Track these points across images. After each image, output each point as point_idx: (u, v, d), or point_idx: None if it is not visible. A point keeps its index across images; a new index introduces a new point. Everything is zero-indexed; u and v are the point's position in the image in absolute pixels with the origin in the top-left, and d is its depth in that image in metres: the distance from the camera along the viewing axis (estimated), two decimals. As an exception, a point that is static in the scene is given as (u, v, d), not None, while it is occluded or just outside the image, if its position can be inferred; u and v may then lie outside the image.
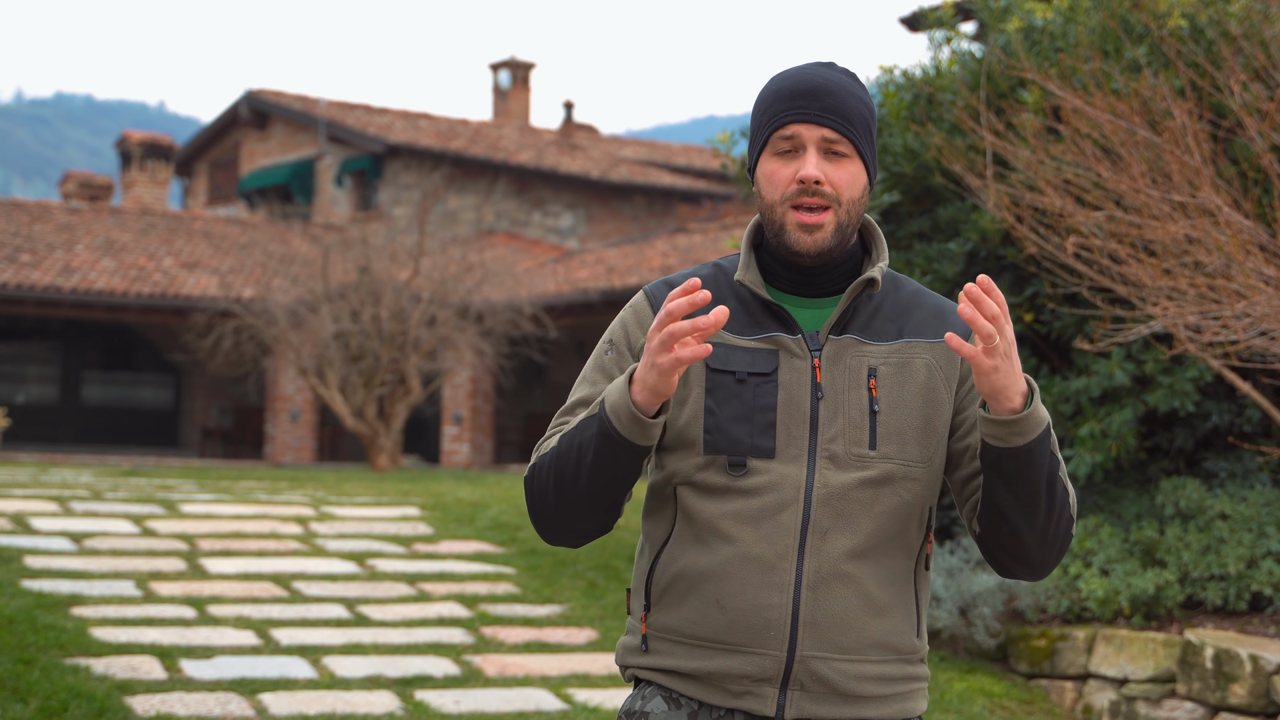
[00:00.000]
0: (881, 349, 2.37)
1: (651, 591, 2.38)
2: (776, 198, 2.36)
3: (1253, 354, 7.28)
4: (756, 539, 2.29)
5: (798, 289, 2.40)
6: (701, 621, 2.32)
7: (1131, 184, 6.76)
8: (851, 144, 2.36)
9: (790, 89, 2.37)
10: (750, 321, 2.38)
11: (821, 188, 2.33)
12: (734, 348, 2.35)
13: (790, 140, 2.35)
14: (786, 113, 2.36)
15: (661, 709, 2.35)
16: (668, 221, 31.14)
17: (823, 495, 2.30)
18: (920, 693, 2.41)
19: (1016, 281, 8.36)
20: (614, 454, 2.26)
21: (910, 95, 8.89)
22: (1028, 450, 2.24)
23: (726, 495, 2.31)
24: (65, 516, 10.51)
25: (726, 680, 2.31)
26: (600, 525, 2.37)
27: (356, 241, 21.92)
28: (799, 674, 2.29)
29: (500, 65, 36.28)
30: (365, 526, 10.88)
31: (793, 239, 2.35)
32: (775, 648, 2.29)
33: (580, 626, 8.24)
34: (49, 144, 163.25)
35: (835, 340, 2.36)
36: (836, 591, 2.30)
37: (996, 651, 7.75)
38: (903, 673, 2.37)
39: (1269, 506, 7.45)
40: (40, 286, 23.25)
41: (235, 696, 6.56)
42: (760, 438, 2.31)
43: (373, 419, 19.96)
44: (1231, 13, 7.63)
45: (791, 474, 2.30)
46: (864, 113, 2.38)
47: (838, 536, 2.30)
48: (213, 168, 34.88)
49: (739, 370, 2.34)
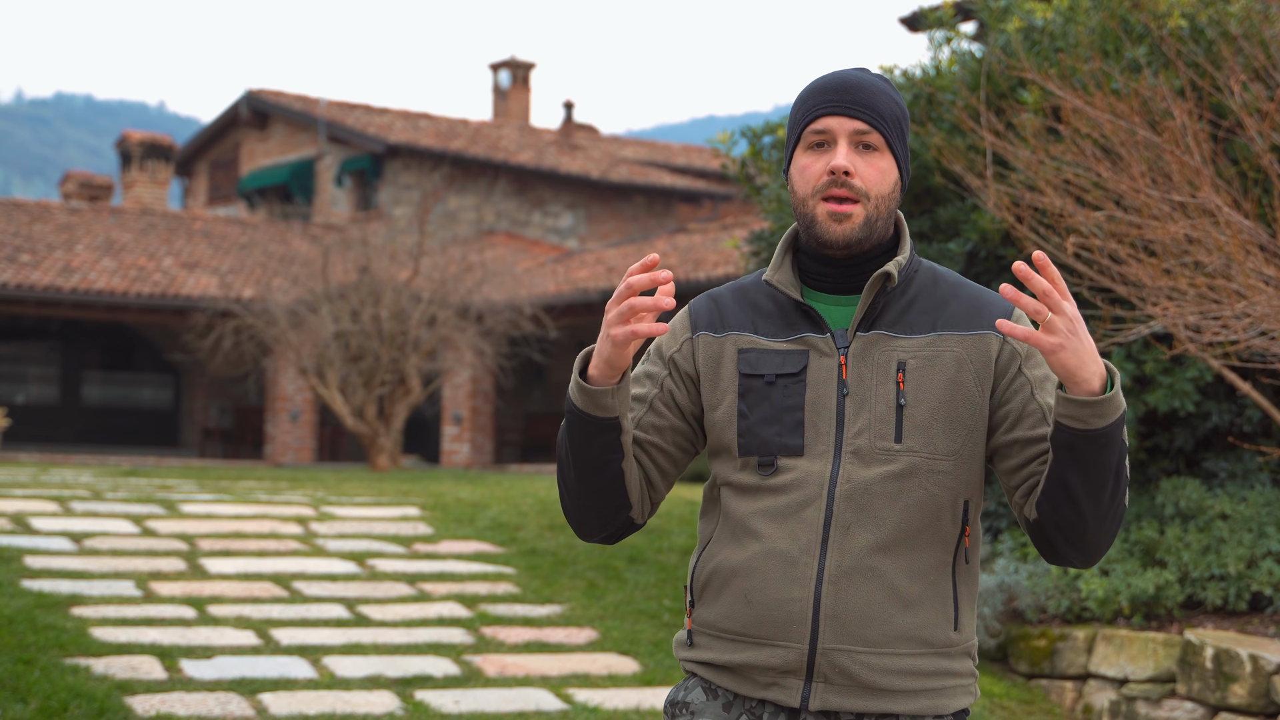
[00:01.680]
0: (913, 343, 2.39)
1: (694, 588, 2.47)
2: (808, 190, 2.40)
3: (1253, 354, 7.28)
4: (782, 535, 2.35)
5: (832, 286, 2.44)
6: (733, 616, 2.40)
7: (1131, 184, 6.76)
8: (882, 137, 2.39)
9: (824, 86, 2.43)
10: (784, 324, 2.43)
11: (851, 179, 2.36)
12: (765, 351, 2.41)
13: (822, 134, 2.40)
14: (819, 107, 2.41)
15: (701, 699, 2.44)
16: (668, 221, 31.15)
17: (845, 490, 2.34)
18: (958, 690, 2.41)
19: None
20: (582, 430, 2.36)
21: (910, 95, 8.89)
22: (1106, 434, 2.23)
23: (758, 494, 2.39)
24: (65, 516, 10.51)
25: (755, 672, 2.39)
26: (612, 516, 2.46)
27: (356, 241, 21.91)
28: (822, 666, 2.34)
29: (500, 65, 36.28)
30: (365, 526, 10.88)
31: (823, 229, 2.38)
32: (798, 640, 2.34)
33: (580, 626, 8.24)
34: (49, 144, 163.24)
35: (862, 336, 2.39)
36: (859, 585, 2.33)
37: (996, 651, 7.75)
38: (936, 667, 2.37)
39: (1269, 506, 7.45)
40: (40, 286, 23.25)
41: (235, 696, 6.56)
42: (789, 437, 2.37)
43: (373, 419, 19.96)
44: (1231, 13, 7.63)
45: (817, 470, 2.36)
46: (896, 111, 2.42)
47: (861, 531, 2.34)
48: (213, 168, 34.88)
49: (768, 373, 2.40)
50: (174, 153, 32.81)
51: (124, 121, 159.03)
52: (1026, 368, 2.40)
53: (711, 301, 2.50)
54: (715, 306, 2.49)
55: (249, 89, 32.95)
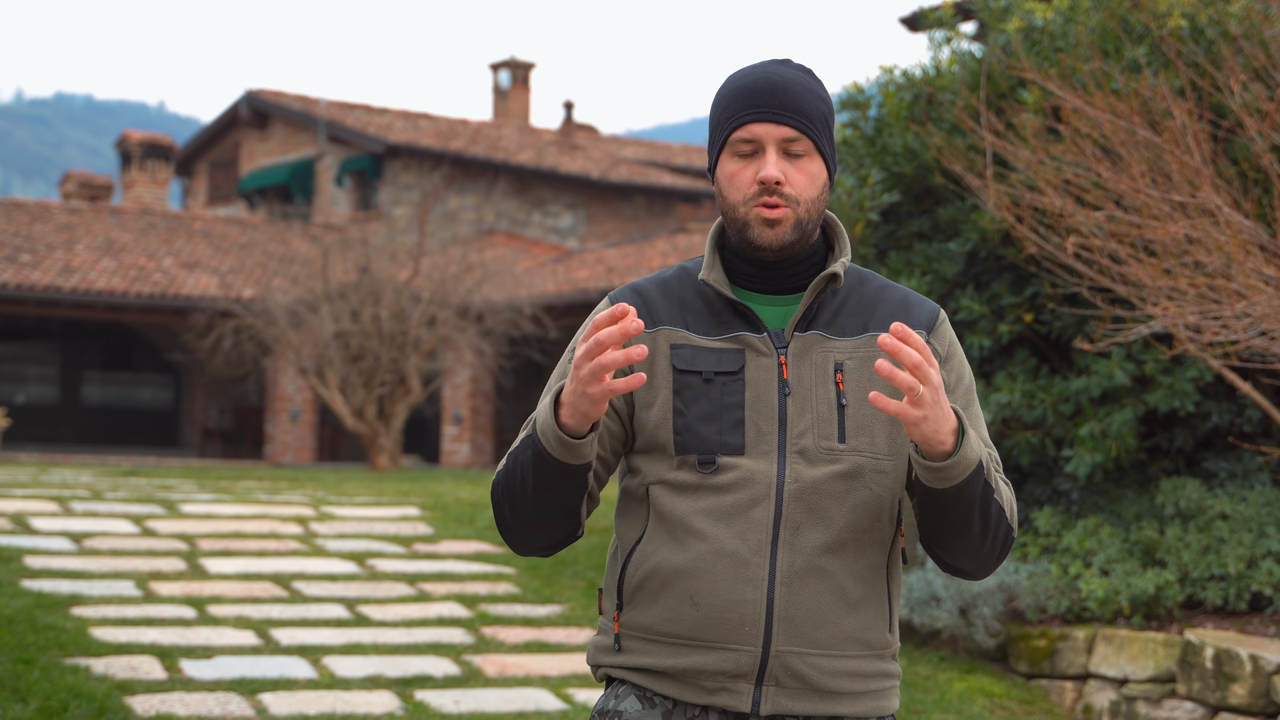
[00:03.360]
0: (847, 344, 2.37)
1: (624, 590, 2.38)
2: (739, 199, 2.37)
3: (1253, 354, 7.28)
4: (729, 535, 2.29)
5: (762, 286, 2.41)
6: (675, 619, 2.32)
7: (1131, 184, 6.76)
8: (811, 141, 2.36)
9: (748, 87, 2.37)
10: (716, 322, 2.38)
11: (782, 188, 2.34)
12: (700, 348, 2.36)
13: (750, 143, 2.36)
14: (745, 112, 2.36)
15: (635, 708, 2.35)
16: (668, 221, 31.15)
17: (794, 490, 2.30)
18: (893, 691, 2.41)
19: (1016, 281, 8.36)
20: (551, 474, 2.27)
21: (910, 95, 8.89)
22: (956, 490, 2.25)
23: (698, 492, 2.32)
24: (65, 516, 10.51)
25: (701, 677, 2.31)
26: (563, 537, 2.39)
27: (356, 241, 21.91)
28: (774, 669, 2.30)
29: (500, 65, 36.27)
30: (365, 526, 10.89)
31: (755, 233, 2.35)
32: (750, 643, 2.29)
33: (580, 626, 8.24)
34: (49, 144, 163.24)
35: (801, 337, 2.37)
36: (811, 586, 2.30)
37: (996, 651, 7.75)
38: (876, 669, 2.37)
39: (1269, 506, 7.45)
40: (40, 286, 23.25)
41: (235, 696, 6.56)
42: (729, 435, 2.32)
43: (373, 419, 19.96)
44: (1231, 13, 7.62)
45: (762, 469, 2.31)
46: (822, 109, 2.38)
47: (810, 531, 2.30)
48: (213, 168, 34.88)
49: (705, 370, 2.34)
50: (174, 153, 32.79)
51: (124, 121, 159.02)
52: (945, 370, 2.42)
53: (636, 295, 2.42)
54: (641, 300, 2.41)
55: (249, 89, 32.95)
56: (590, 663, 2.45)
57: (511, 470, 2.32)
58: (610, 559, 2.45)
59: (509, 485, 2.33)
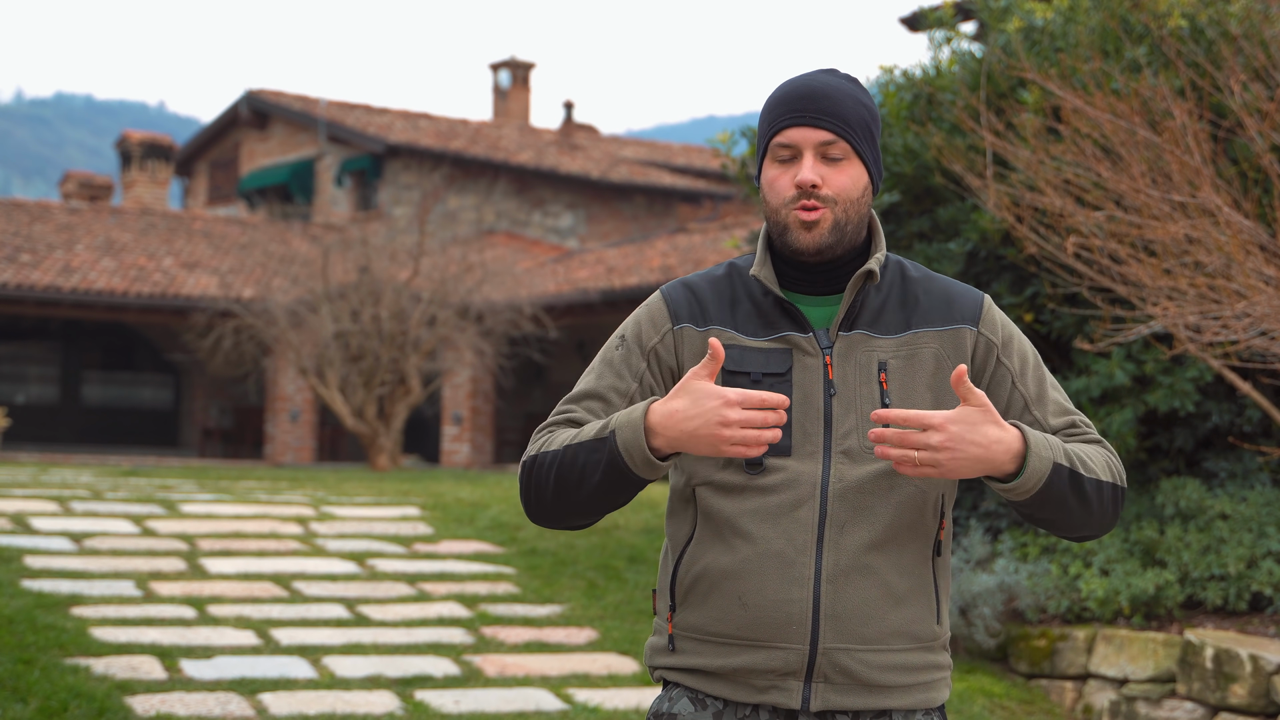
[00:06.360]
0: (890, 342, 2.40)
1: (676, 591, 2.43)
2: (779, 203, 2.40)
3: (1253, 354, 7.28)
4: (775, 535, 2.34)
5: (808, 288, 2.44)
6: (725, 619, 2.37)
7: (1131, 184, 6.76)
8: (849, 144, 2.38)
9: (788, 95, 2.41)
10: (763, 322, 2.42)
11: (819, 191, 2.37)
12: (748, 349, 2.40)
13: (789, 148, 2.39)
14: (784, 118, 2.40)
15: (688, 710, 2.41)
16: (668, 221, 31.14)
17: (838, 490, 2.34)
18: (942, 682, 2.45)
19: (1016, 281, 8.36)
20: (623, 483, 2.31)
21: (910, 95, 8.89)
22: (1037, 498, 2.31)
23: (745, 494, 2.36)
24: (65, 516, 10.52)
25: (751, 676, 2.36)
26: (590, 523, 2.44)
27: (356, 241, 21.91)
28: (822, 666, 2.34)
29: (500, 65, 36.27)
30: (365, 526, 10.89)
31: (794, 236, 2.38)
32: (798, 641, 2.33)
33: (580, 626, 8.24)
34: (49, 144, 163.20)
35: (845, 336, 2.40)
36: (856, 583, 2.34)
37: (996, 651, 7.75)
38: (924, 661, 2.41)
39: (1269, 506, 7.45)
40: (40, 286, 23.25)
41: (235, 696, 6.56)
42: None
43: (373, 419, 19.96)
44: (1231, 13, 7.63)
45: (808, 470, 2.35)
46: (863, 114, 2.41)
47: (855, 529, 2.35)
48: (213, 168, 34.87)
49: (754, 371, 2.38)
50: (174, 153, 32.79)
51: (124, 121, 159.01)
52: (1004, 356, 2.45)
53: (689, 291, 2.46)
54: (694, 297, 2.45)
55: (249, 89, 32.94)
56: (647, 663, 2.50)
57: (568, 462, 2.33)
58: (663, 559, 2.50)
59: (561, 475, 2.34)
